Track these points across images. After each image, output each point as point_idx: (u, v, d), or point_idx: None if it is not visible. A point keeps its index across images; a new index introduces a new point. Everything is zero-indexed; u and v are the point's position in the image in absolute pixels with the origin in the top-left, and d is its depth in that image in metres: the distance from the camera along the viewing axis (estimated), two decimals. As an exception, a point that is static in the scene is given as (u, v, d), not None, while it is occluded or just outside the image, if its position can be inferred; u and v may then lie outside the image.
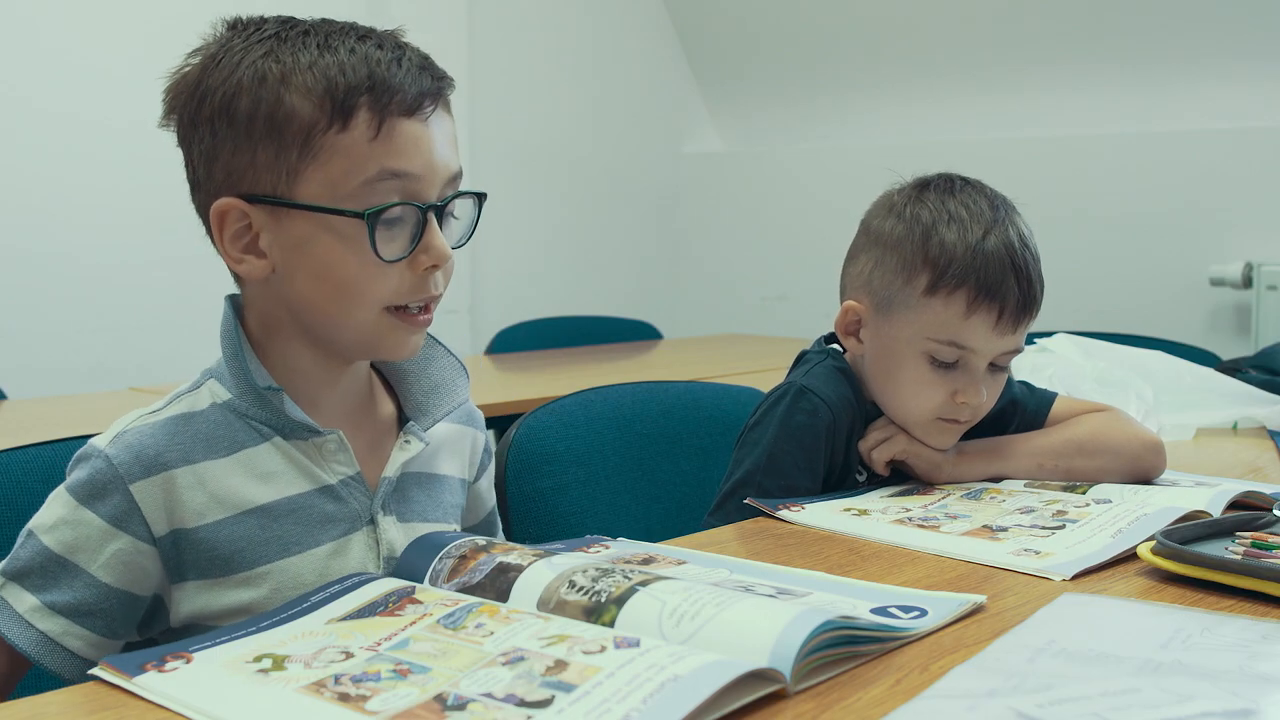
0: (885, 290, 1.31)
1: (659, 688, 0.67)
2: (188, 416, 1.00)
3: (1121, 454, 1.33)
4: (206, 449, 0.99)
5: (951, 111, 3.91)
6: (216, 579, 0.98)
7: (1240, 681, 0.72)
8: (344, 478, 1.03)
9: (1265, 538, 1.03)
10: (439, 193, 0.99)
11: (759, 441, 1.31)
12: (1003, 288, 1.25)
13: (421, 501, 1.09)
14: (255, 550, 0.98)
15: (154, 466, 0.96)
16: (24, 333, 3.10)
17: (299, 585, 0.98)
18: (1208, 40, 3.38)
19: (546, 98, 4.26)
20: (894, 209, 1.32)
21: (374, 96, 0.94)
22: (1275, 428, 1.77)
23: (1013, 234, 1.28)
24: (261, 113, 0.94)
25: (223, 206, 0.96)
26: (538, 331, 3.48)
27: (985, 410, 1.32)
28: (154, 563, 0.97)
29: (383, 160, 0.95)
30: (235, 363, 1.01)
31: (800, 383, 1.32)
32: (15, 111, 3.06)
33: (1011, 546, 1.06)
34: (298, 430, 1.01)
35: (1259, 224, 3.33)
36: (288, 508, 1.00)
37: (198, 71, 0.97)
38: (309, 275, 0.97)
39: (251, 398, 1.01)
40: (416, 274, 0.99)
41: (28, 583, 0.96)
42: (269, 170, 0.95)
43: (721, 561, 1.01)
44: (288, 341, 1.02)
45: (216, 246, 0.99)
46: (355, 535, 1.03)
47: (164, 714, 0.71)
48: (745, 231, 4.47)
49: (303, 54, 0.95)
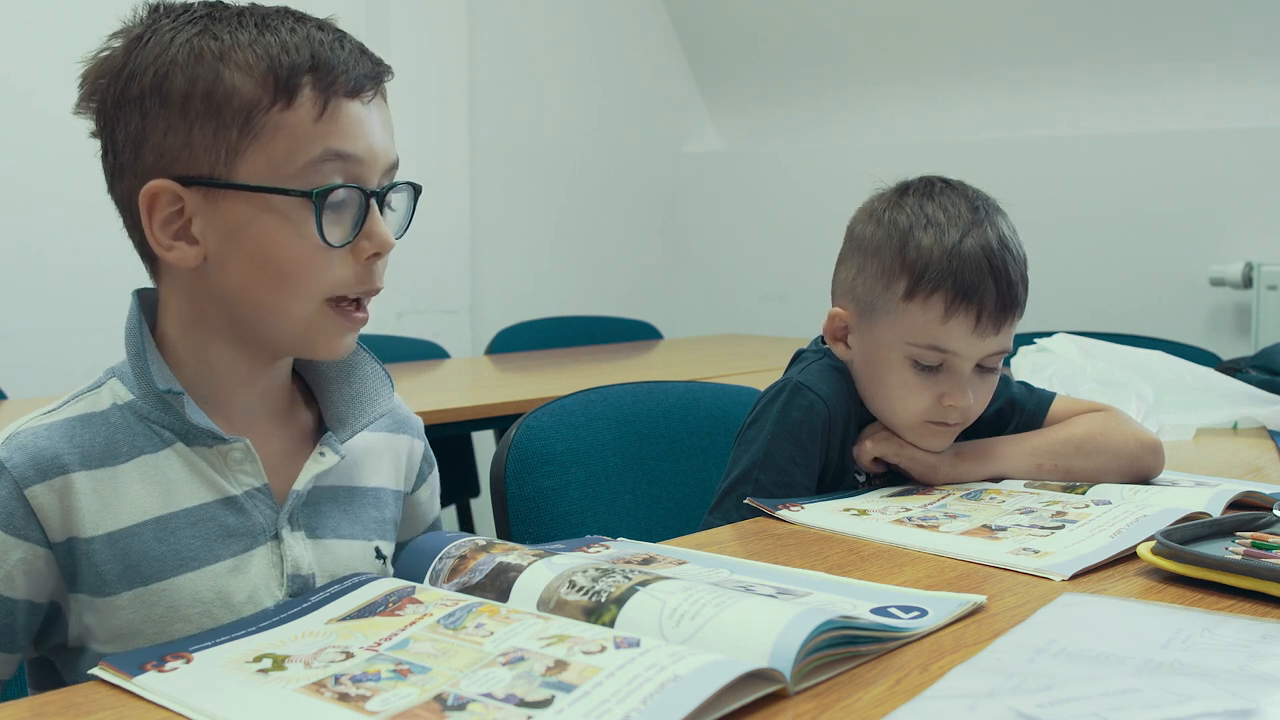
0: (867, 296, 1.31)
1: (659, 688, 0.67)
2: (86, 418, 0.95)
3: (1120, 454, 1.33)
4: (104, 454, 0.93)
5: (951, 111, 3.91)
6: (110, 595, 0.92)
7: (1240, 681, 0.72)
8: (249, 489, 0.98)
9: (1265, 538, 1.03)
10: (378, 180, 0.96)
11: (756, 439, 1.31)
12: (980, 290, 1.25)
13: (335, 517, 1.03)
14: (150, 565, 0.93)
15: (51, 470, 0.91)
16: (24, 333, 3.10)
17: (196, 603, 0.94)
18: (1208, 40, 3.38)
19: (546, 98, 4.26)
20: (874, 215, 1.33)
21: (318, 76, 0.91)
22: (1275, 428, 1.77)
23: (991, 235, 1.27)
24: (198, 91, 0.90)
25: (154, 189, 0.92)
26: (538, 331, 3.48)
27: (976, 412, 1.32)
28: (51, 568, 0.92)
29: (327, 140, 0.92)
30: (138, 362, 0.96)
31: (796, 379, 1.33)
32: (15, 112, 3.06)
33: (1010, 546, 1.06)
34: (201, 436, 0.96)
35: (1259, 224, 3.33)
36: (186, 520, 0.94)
37: (122, 53, 0.93)
38: (246, 262, 0.93)
39: (153, 400, 0.95)
40: (359, 263, 0.95)
41: None
42: (206, 151, 0.90)
43: (721, 561, 1.01)
44: (209, 338, 0.97)
45: (145, 233, 0.94)
46: (258, 550, 0.97)
47: (164, 714, 0.71)
48: (745, 231, 4.47)
49: (241, 33, 0.91)
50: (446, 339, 3.54)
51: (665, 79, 4.59)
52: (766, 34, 4.30)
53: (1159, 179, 3.48)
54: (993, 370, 1.31)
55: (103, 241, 3.61)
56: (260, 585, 0.97)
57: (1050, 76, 3.71)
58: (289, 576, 0.98)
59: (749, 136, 4.57)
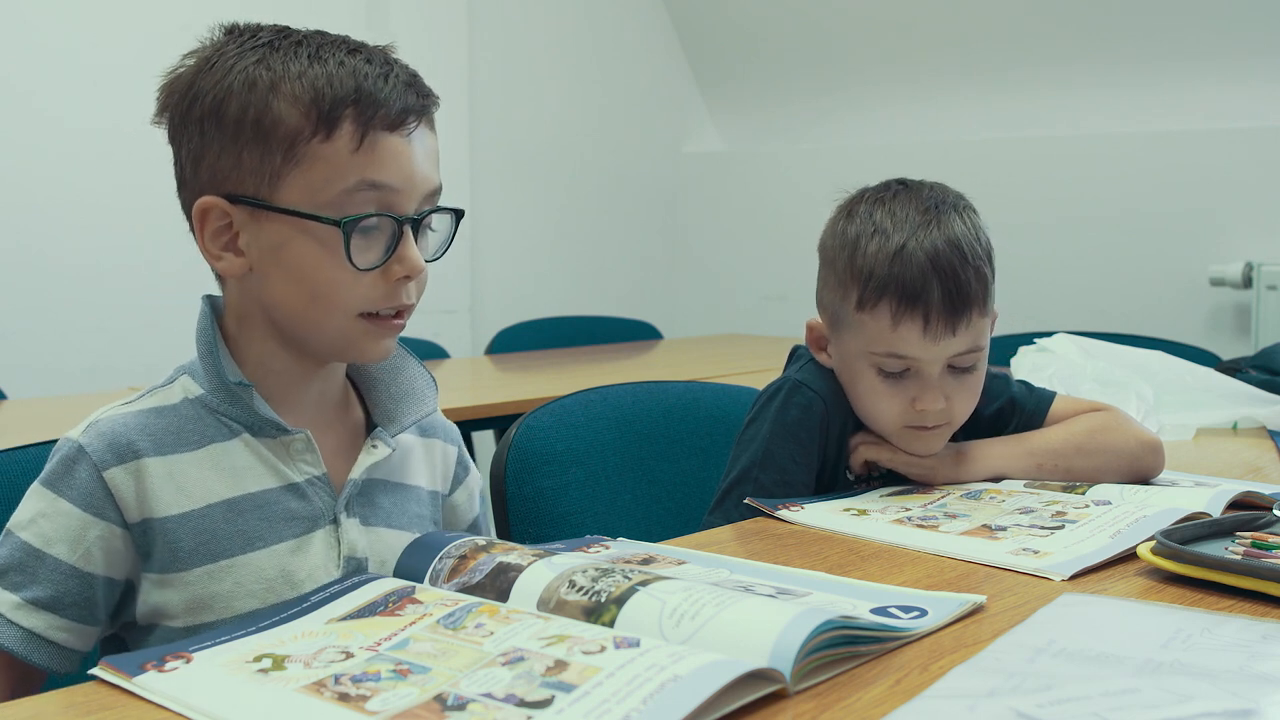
0: (832, 308, 1.32)
1: (659, 688, 0.67)
2: (159, 410, 1.02)
3: (1121, 454, 1.33)
4: (176, 441, 1.00)
5: (951, 111, 3.91)
6: (180, 571, 0.99)
7: (1240, 681, 0.72)
8: (310, 477, 1.04)
9: (1265, 538, 1.03)
10: (416, 206, 1.02)
11: (755, 437, 1.32)
12: (924, 293, 1.23)
13: (386, 508, 1.10)
14: (219, 543, 1.00)
15: (126, 454, 0.98)
16: (24, 333, 3.10)
17: (261, 580, 1.00)
18: (1208, 40, 3.38)
19: (546, 98, 4.26)
20: (834, 224, 1.33)
21: (359, 109, 0.97)
22: (1275, 428, 1.77)
23: (937, 236, 1.25)
24: (249, 117, 0.97)
25: (205, 204, 0.99)
26: (538, 331, 3.49)
27: (960, 414, 1.30)
28: (128, 547, 0.99)
29: (362, 171, 0.97)
30: (209, 359, 1.03)
31: (795, 378, 1.34)
32: (15, 112, 3.06)
33: (1010, 546, 1.06)
34: (266, 428, 1.03)
35: (1259, 224, 3.33)
36: (252, 503, 1.01)
37: (191, 73, 1.00)
38: (285, 277, 1.00)
39: (222, 393, 1.03)
40: (389, 283, 1.00)
41: (7, 581, 0.97)
42: (252, 173, 0.97)
43: (721, 561, 1.01)
44: (263, 341, 1.04)
45: (197, 243, 1.02)
46: (317, 534, 1.04)
47: (164, 714, 0.71)
48: (745, 231, 4.47)
49: (293, 63, 0.98)
50: (446, 339, 3.54)
51: (665, 79, 4.59)
52: (766, 34, 4.30)
53: (1159, 179, 3.48)
54: (968, 370, 1.29)
55: (103, 241, 3.63)
56: (319, 566, 1.03)
57: (1050, 76, 3.71)
58: (345, 559, 1.04)
59: (749, 136, 4.57)
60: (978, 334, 1.27)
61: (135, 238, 3.26)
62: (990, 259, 1.29)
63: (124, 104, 3.18)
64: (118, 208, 3.22)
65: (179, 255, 3.72)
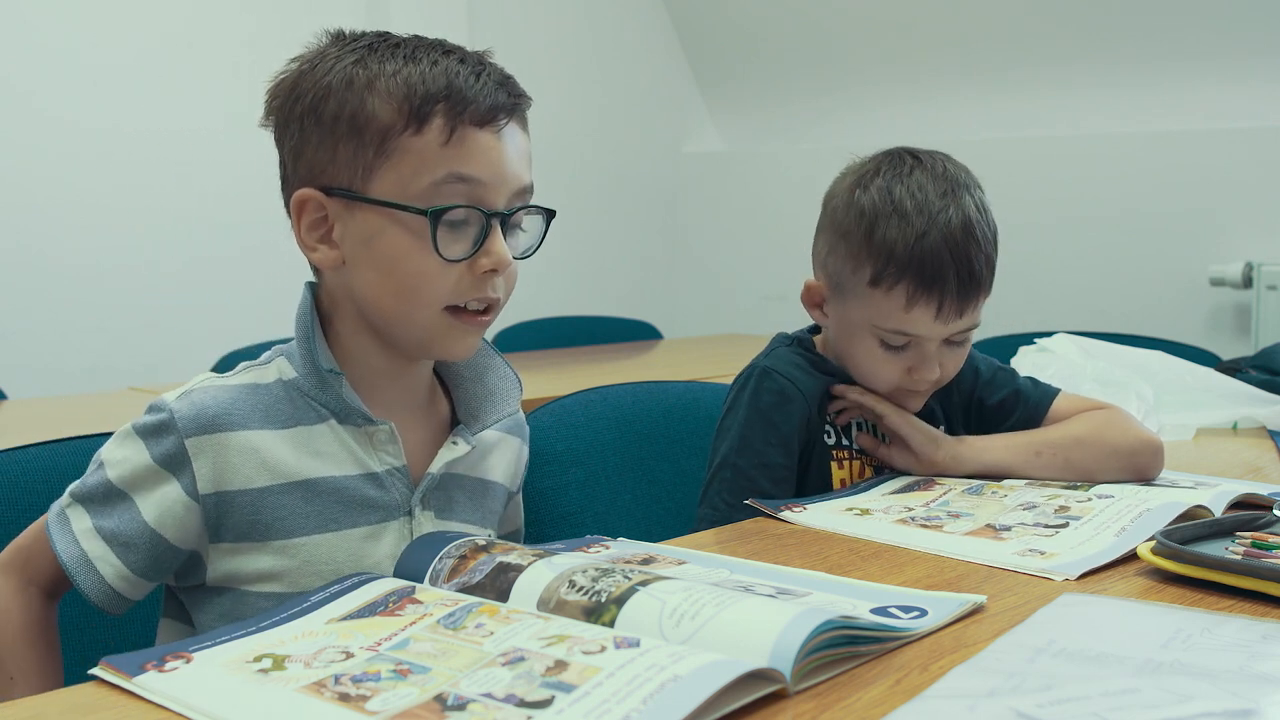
0: (838, 276, 1.35)
1: (659, 688, 0.67)
2: (253, 388, 1.05)
3: (1119, 450, 1.34)
4: (264, 418, 1.03)
5: (951, 111, 3.91)
6: (255, 543, 1.02)
7: (1240, 681, 0.72)
8: (390, 468, 1.07)
9: (1265, 538, 1.03)
10: (506, 202, 1.04)
11: (731, 427, 1.35)
12: (942, 281, 1.28)
13: (463, 503, 1.12)
14: (295, 521, 1.02)
15: (210, 426, 1.01)
16: (24, 333, 3.10)
17: (330, 562, 1.03)
18: (1208, 40, 3.38)
19: (546, 98, 4.24)
20: (848, 192, 1.36)
21: (449, 105, 1.00)
22: (1275, 428, 1.77)
23: (955, 222, 1.29)
24: (345, 113, 1.00)
25: (302, 196, 1.03)
26: (538, 331, 3.48)
27: (948, 377, 1.35)
28: (195, 519, 1.01)
29: (451, 164, 1.00)
30: (305, 344, 1.06)
31: (763, 365, 1.37)
32: (16, 112, 3.06)
33: (1016, 547, 1.06)
34: (352, 416, 1.06)
35: (1259, 224, 3.33)
36: (331, 486, 1.04)
37: (295, 75, 1.04)
38: (375, 269, 1.02)
39: (314, 379, 1.05)
40: (475, 276, 1.03)
41: (89, 505, 1.02)
42: (347, 166, 1.01)
43: (721, 561, 1.01)
44: (354, 333, 1.07)
45: (295, 235, 1.05)
46: (391, 524, 1.06)
47: (164, 714, 0.71)
48: (745, 231, 4.46)
49: (389, 63, 1.02)
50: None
51: (665, 79, 4.59)
52: (766, 34, 4.30)
53: (1159, 179, 3.48)
54: (961, 343, 1.35)
55: (103, 241, 3.62)
56: (389, 556, 1.04)
57: (1050, 76, 3.71)
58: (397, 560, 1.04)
59: (749, 136, 4.57)
60: (978, 313, 1.33)
61: (135, 238, 3.27)
62: (997, 241, 1.34)
63: (124, 104, 3.18)
64: (118, 208, 3.22)
65: (179, 255, 3.73)
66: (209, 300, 3.39)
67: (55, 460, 1.18)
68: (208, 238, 3.38)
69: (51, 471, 1.17)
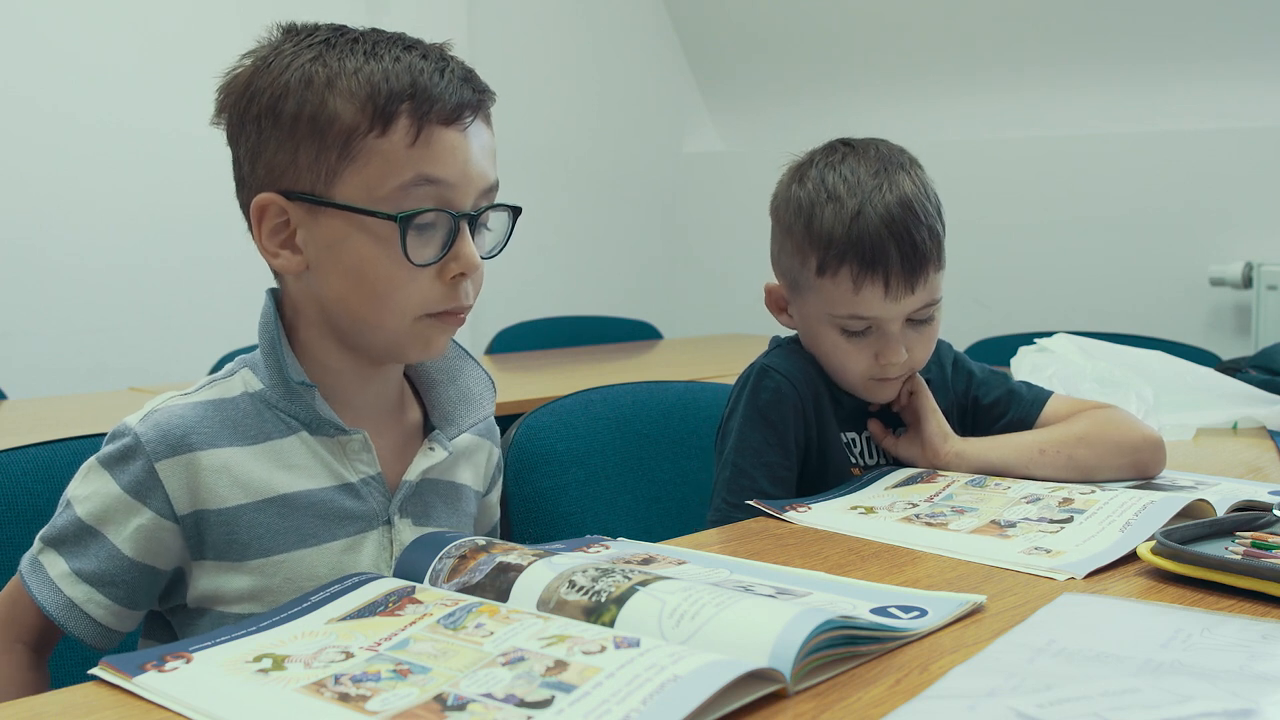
0: (791, 273, 1.37)
1: (659, 688, 0.67)
2: (218, 403, 1.02)
3: (1122, 446, 1.34)
4: (233, 435, 1.00)
5: (951, 111, 3.91)
6: (233, 562, 1.00)
7: (1240, 681, 0.72)
8: (365, 477, 1.05)
9: (1265, 538, 1.03)
10: (474, 202, 1.01)
11: (733, 429, 1.35)
12: (884, 257, 1.27)
13: (439, 508, 1.11)
14: (272, 538, 1.00)
15: (179, 447, 0.98)
16: (24, 333, 3.10)
17: (312, 577, 1.00)
18: (1208, 40, 3.37)
19: (546, 98, 4.26)
20: (786, 188, 1.38)
21: (415, 104, 0.96)
22: (1275, 428, 1.77)
23: (890, 198, 1.29)
24: (306, 114, 0.96)
25: (263, 201, 0.99)
26: (538, 331, 3.48)
27: (918, 361, 1.35)
28: (176, 539, 0.99)
29: (419, 166, 0.97)
30: (272, 355, 1.03)
31: (761, 363, 1.38)
32: (16, 111, 3.06)
33: (1021, 545, 1.06)
34: (324, 427, 1.03)
35: (1259, 224, 3.33)
36: (307, 500, 1.01)
37: (248, 73, 1.00)
38: (342, 275, 0.99)
39: (283, 390, 1.02)
40: (445, 282, 1.00)
41: (62, 549, 0.99)
42: (309, 170, 0.97)
43: (721, 561, 1.01)
44: (320, 339, 1.04)
45: (255, 240, 1.02)
46: (370, 534, 1.05)
47: (164, 714, 0.71)
48: (745, 231, 4.44)
49: (349, 60, 0.97)
50: (446, 339, 3.53)
51: (665, 79, 4.59)
52: (766, 34, 4.30)
53: (1159, 179, 3.48)
54: (926, 321, 1.34)
55: (103, 241, 3.62)
56: (370, 566, 1.03)
57: (1050, 76, 3.71)
58: (396, 559, 1.03)
59: (749, 136, 4.57)
60: (934, 288, 1.32)
61: (136, 238, 3.26)
62: (940, 214, 1.33)
63: (124, 103, 3.18)
64: (118, 208, 3.22)
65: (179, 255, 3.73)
66: (209, 300, 3.39)
67: (55, 460, 1.18)
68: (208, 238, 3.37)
69: (51, 471, 1.17)
